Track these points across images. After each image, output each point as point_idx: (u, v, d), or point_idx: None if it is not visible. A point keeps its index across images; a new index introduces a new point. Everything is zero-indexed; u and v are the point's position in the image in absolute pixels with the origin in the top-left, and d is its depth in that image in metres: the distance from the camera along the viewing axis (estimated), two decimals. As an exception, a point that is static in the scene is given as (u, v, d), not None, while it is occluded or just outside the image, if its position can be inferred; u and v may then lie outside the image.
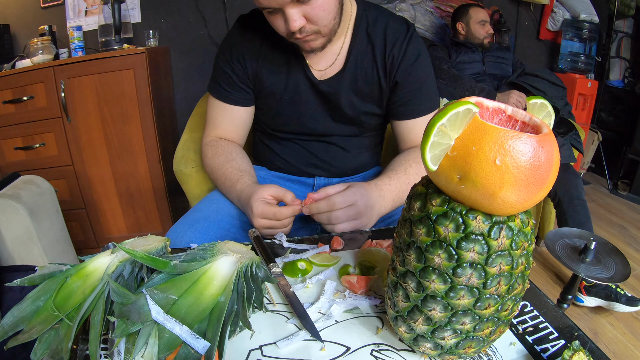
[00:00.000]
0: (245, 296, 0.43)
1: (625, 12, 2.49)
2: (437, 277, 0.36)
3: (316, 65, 0.83)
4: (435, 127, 0.31)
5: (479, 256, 0.34)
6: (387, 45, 0.80)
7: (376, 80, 0.83)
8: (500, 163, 0.30)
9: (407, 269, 0.38)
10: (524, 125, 0.36)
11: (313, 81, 0.83)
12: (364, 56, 0.82)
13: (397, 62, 0.80)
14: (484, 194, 0.32)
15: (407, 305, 0.39)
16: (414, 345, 0.41)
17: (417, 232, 0.36)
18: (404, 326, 0.40)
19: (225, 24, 2.11)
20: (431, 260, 0.35)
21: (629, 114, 2.52)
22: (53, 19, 1.92)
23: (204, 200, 0.85)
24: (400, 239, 0.40)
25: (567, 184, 1.60)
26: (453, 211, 0.34)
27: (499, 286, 0.35)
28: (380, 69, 0.82)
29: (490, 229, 0.34)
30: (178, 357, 0.36)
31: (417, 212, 0.37)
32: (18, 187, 1.33)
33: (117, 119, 1.73)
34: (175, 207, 1.92)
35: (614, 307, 1.48)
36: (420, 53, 0.82)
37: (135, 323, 0.37)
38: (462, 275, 0.35)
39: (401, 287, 0.39)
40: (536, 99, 0.37)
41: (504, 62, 1.95)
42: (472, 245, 0.34)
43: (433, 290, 0.36)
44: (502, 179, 0.30)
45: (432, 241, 0.35)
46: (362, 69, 0.82)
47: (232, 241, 0.49)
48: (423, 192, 0.38)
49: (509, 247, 0.35)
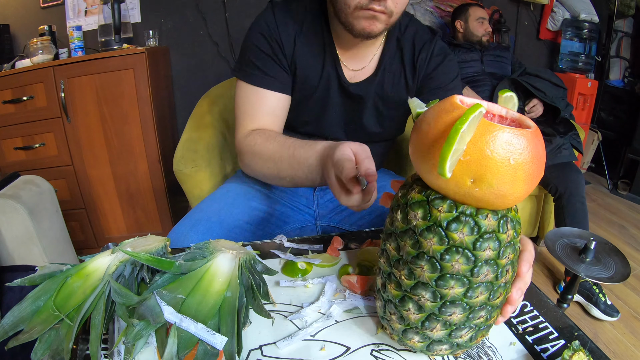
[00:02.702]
0: (254, 287, 0.43)
1: (625, 12, 2.49)
2: (456, 282, 0.36)
3: (349, 65, 0.80)
4: (458, 134, 0.30)
5: (493, 252, 0.35)
6: (416, 49, 0.81)
7: (403, 83, 0.83)
8: (514, 162, 0.31)
9: (419, 280, 0.37)
10: (502, 119, 0.37)
11: (344, 82, 0.80)
12: (393, 61, 0.82)
13: (426, 62, 0.81)
14: (498, 193, 0.32)
15: (420, 317, 0.38)
16: (427, 351, 0.41)
17: (427, 242, 0.35)
18: (417, 336, 0.40)
19: (225, 24, 2.11)
20: (449, 268, 0.35)
21: (629, 114, 2.52)
22: (53, 19, 1.92)
23: (206, 200, 0.84)
24: (402, 251, 0.38)
25: (569, 181, 1.60)
26: (464, 215, 0.34)
27: (507, 274, 0.37)
28: (408, 71, 0.82)
29: (498, 224, 0.35)
30: (198, 354, 0.36)
31: (420, 221, 0.36)
32: (18, 187, 1.33)
33: (117, 119, 1.73)
34: (175, 207, 1.92)
35: (590, 309, 1.49)
36: (447, 54, 0.83)
37: (149, 325, 0.37)
38: (480, 275, 0.35)
39: (411, 299, 0.38)
40: (506, 92, 0.39)
41: (502, 62, 1.95)
42: (487, 244, 0.35)
43: (452, 295, 0.36)
44: (515, 176, 0.31)
45: (447, 248, 0.35)
46: (390, 73, 0.82)
47: (223, 239, 0.49)
48: (422, 199, 0.36)
49: (513, 237, 0.36)
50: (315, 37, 0.78)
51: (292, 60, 0.78)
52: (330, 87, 0.80)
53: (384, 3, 0.65)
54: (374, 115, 0.84)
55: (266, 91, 0.77)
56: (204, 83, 2.05)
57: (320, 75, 0.79)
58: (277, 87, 0.78)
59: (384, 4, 0.66)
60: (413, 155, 0.37)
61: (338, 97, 0.82)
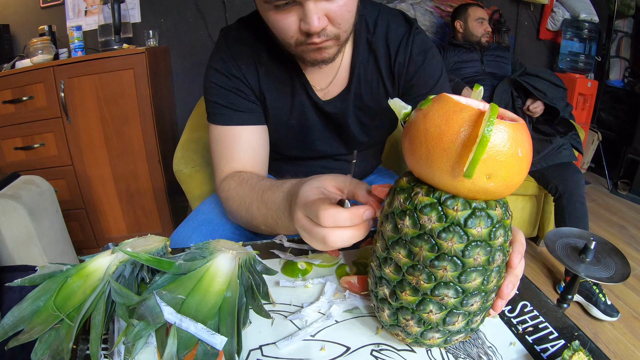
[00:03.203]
0: (254, 287, 0.43)
1: (625, 12, 2.49)
2: (477, 274, 0.37)
3: (317, 84, 0.74)
4: (490, 137, 0.31)
5: (502, 239, 0.37)
6: (391, 52, 0.72)
7: (382, 93, 0.75)
8: (522, 153, 0.33)
9: (441, 281, 0.37)
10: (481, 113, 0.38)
11: (317, 102, 0.74)
12: (367, 68, 0.73)
13: (405, 67, 0.73)
14: (509, 184, 0.34)
15: (441, 315, 0.39)
16: (444, 344, 0.41)
17: (447, 243, 0.36)
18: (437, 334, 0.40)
19: (225, 24, 2.11)
20: (471, 263, 0.36)
21: (629, 114, 2.52)
22: (53, 19, 1.93)
23: (207, 202, 0.83)
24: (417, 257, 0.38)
25: (569, 181, 1.61)
26: (478, 210, 0.36)
27: (498, 259, 0.38)
28: (386, 79, 0.74)
29: (503, 212, 0.37)
30: (198, 355, 0.36)
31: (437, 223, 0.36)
32: (18, 187, 1.33)
33: (117, 119, 1.73)
34: (175, 207, 1.92)
35: (591, 309, 1.49)
36: (427, 51, 0.74)
37: (148, 325, 0.37)
38: (495, 261, 0.37)
39: (432, 301, 0.39)
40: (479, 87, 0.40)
41: (502, 62, 1.96)
42: (499, 232, 0.37)
43: (474, 287, 0.38)
44: (521, 167, 0.34)
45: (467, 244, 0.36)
46: (366, 83, 0.74)
47: (222, 239, 0.49)
48: (433, 201, 0.36)
49: (502, 216, 0.38)
50: (279, 64, 0.71)
51: (260, 90, 0.72)
52: (306, 111, 0.75)
53: (323, 33, 0.58)
54: (359, 128, 0.79)
55: (239, 127, 0.72)
56: (204, 83, 2.04)
57: (292, 102, 0.74)
58: (250, 120, 0.72)
59: (324, 33, 0.58)
60: (413, 156, 0.36)
61: (316, 118, 0.77)
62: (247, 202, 0.64)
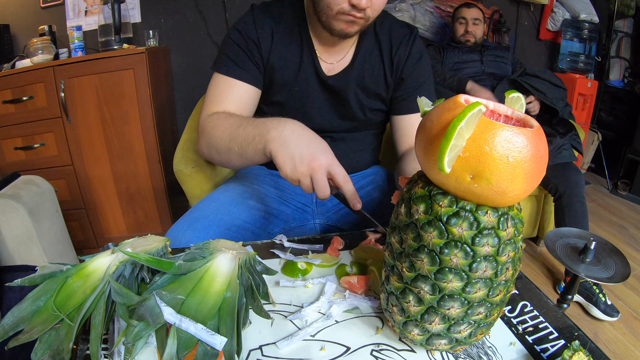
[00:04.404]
0: (253, 287, 0.43)
1: (625, 12, 2.49)
2: (455, 276, 0.36)
3: (326, 59, 0.84)
4: (456, 130, 0.31)
5: (492, 249, 0.36)
6: (393, 46, 0.84)
7: (382, 77, 0.86)
8: (513, 159, 0.32)
9: (419, 273, 0.38)
10: (507, 119, 0.37)
11: (322, 76, 0.84)
12: (372, 54, 0.85)
13: (403, 61, 0.85)
14: (497, 190, 0.33)
15: (419, 309, 0.39)
16: (427, 345, 0.42)
17: (428, 235, 0.36)
18: (417, 329, 0.41)
19: (225, 24, 2.11)
20: (447, 262, 0.36)
21: (629, 114, 2.52)
22: (53, 19, 1.92)
23: (204, 200, 0.85)
24: (404, 244, 0.39)
25: (569, 181, 1.60)
26: (464, 210, 0.35)
27: (507, 272, 0.38)
28: (387, 66, 0.85)
29: (498, 221, 0.35)
30: (198, 355, 0.36)
31: (422, 215, 0.37)
32: (18, 187, 1.33)
33: (117, 119, 1.73)
34: (175, 207, 1.92)
35: (591, 309, 1.49)
36: (422, 54, 0.87)
37: (148, 325, 0.37)
38: (479, 270, 0.36)
39: (411, 292, 0.39)
40: (513, 93, 0.40)
41: (502, 62, 1.96)
42: (486, 240, 0.35)
43: (451, 289, 0.37)
44: (514, 173, 0.32)
45: (446, 242, 0.36)
46: (369, 65, 0.85)
47: (223, 239, 0.49)
48: (425, 194, 0.37)
49: (513, 235, 0.36)
50: (293, 34, 0.82)
51: (269, 59, 0.82)
52: (309, 81, 0.84)
53: (364, 11, 0.71)
54: (357, 104, 0.87)
55: (235, 81, 0.81)
56: (204, 83, 2.03)
57: (298, 69, 0.83)
58: (247, 78, 0.81)
59: (364, 12, 0.71)
60: (418, 152, 0.38)
61: (318, 90, 0.86)
62: (236, 125, 0.72)
